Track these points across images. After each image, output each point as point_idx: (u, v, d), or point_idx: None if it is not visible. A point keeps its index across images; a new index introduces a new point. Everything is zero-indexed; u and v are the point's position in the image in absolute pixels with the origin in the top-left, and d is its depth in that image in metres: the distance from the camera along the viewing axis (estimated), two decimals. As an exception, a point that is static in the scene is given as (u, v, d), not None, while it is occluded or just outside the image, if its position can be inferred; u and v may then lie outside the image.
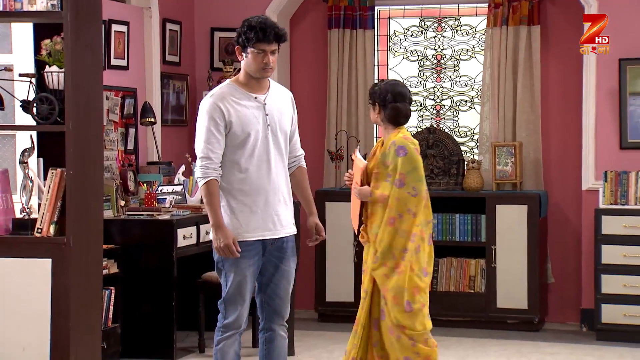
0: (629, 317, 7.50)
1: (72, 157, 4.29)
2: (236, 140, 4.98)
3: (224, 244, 4.94)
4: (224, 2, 8.61)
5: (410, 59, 8.71)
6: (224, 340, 5.13)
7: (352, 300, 8.16)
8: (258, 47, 4.93)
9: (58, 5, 4.24)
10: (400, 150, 5.48)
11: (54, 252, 4.28)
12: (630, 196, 7.62)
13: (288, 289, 5.21)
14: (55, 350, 4.29)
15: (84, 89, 4.35)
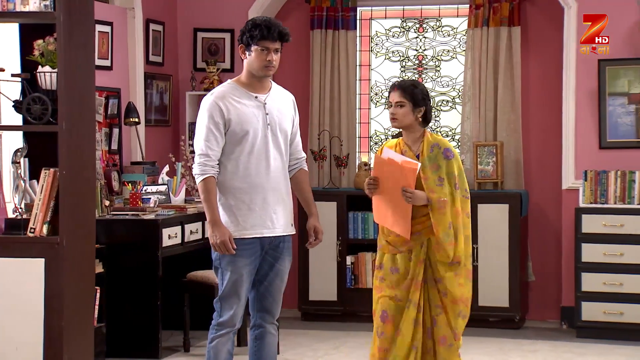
0: (609, 315, 7.56)
1: (66, 158, 4.28)
2: (235, 138, 5.00)
3: (219, 240, 4.96)
4: (206, 2, 8.61)
5: (392, 59, 8.75)
6: (218, 338, 5.13)
7: (335, 299, 8.20)
8: (262, 45, 4.97)
9: (51, 5, 4.24)
10: (447, 152, 5.21)
11: (47, 252, 4.28)
12: (609, 195, 7.68)
13: (281, 288, 5.24)
14: (49, 349, 4.28)
15: (77, 89, 4.35)
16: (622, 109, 7.84)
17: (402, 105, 5.22)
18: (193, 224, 7.44)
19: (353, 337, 7.68)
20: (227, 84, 5.14)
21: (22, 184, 4.43)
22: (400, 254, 5.23)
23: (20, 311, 4.34)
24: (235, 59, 8.57)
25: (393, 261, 5.26)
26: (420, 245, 5.19)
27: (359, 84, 8.69)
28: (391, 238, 5.24)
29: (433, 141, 5.23)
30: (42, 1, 4.22)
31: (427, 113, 5.27)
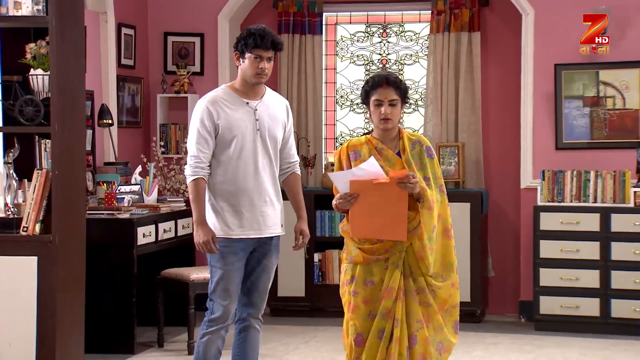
0: (566, 308, 7.67)
1: (58, 158, 4.27)
2: (224, 142, 5.06)
3: (202, 240, 5.02)
4: (177, 7, 8.61)
5: (356, 63, 8.81)
6: (209, 334, 5.18)
7: (303, 295, 8.24)
8: (255, 53, 5.03)
9: (43, 10, 4.23)
10: (430, 150, 4.69)
11: (40, 250, 4.29)
12: (565, 194, 7.79)
13: (267, 284, 5.29)
14: (42, 345, 4.29)
15: (68, 91, 4.36)
16: (577, 111, 7.95)
17: (395, 104, 4.63)
18: (166, 223, 7.45)
19: (322, 331, 7.73)
20: (221, 88, 5.20)
21: (14, 184, 4.41)
22: (376, 263, 4.63)
23: (14, 308, 4.34)
24: (204, 62, 8.59)
25: (367, 272, 4.64)
26: (399, 252, 4.62)
27: (325, 86, 8.75)
28: (367, 246, 4.63)
29: (413, 138, 4.70)
30: (34, 6, 4.21)
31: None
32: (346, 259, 4.73)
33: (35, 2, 4.20)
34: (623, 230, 7.54)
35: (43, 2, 4.21)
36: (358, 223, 4.58)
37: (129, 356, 6.93)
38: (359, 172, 4.48)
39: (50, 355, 4.26)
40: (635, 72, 7.78)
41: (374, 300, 4.60)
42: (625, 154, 7.78)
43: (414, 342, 4.60)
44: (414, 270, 4.62)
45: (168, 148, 8.49)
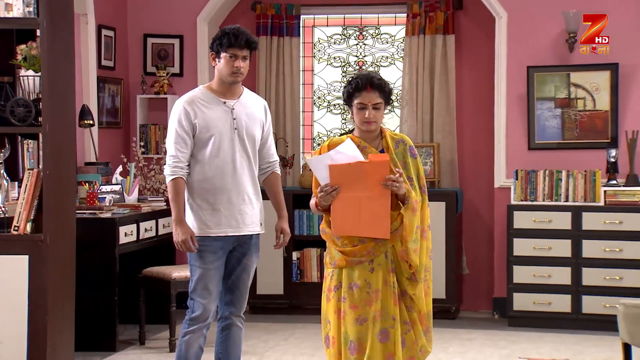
0: (538, 305, 7.74)
1: (49, 158, 4.27)
2: (201, 141, 5.07)
3: (181, 239, 5.03)
4: (156, 9, 8.60)
5: (333, 65, 8.84)
6: (190, 333, 5.18)
7: (281, 292, 8.25)
8: (230, 52, 5.04)
9: (34, 12, 4.21)
10: (412, 150, 4.59)
11: (31, 249, 4.28)
12: (538, 193, 7.85)
13: (247, 283, 5.30)
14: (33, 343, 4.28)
15: (59, 92, 4.35)
16: (549, 112, 8.02)
17: (379, 107, 4.51)
18: (147, 222, 7.44)
19: (300, 328, 7.75)
20: (198, 89, 5.21)
21: (5, 184, 4.39)
22: (359, 266, 4.47)
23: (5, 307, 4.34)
24: (184, 63, 8.59)
25: (350, 276, 4.48)
26: (384, 253, 4.49)
27: (302, 88, 8.77)
28: (348, 249, 4.47)
29: (396, 137, 4.61)
30: (25, 7, 4.19)
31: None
32: (330, 264, 4.58)
33: (26, 4, 4.19)
34: (594, 228, 7.62)
35: (34, 4, 4.20)
36: (340, 220, 4.43)
37: (111, 354, 6.93)
38: (337, 156, 4.36)
39: (41, 353, 4.25)
40: (605, 75, 7.85)
41: (362, 304, 4.45)
42: (596, 154, 7.86)
43: (402, 345, 4.50)
44: (398, 272, 4.50)
45: (148, 148, 8.48)
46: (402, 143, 4.58)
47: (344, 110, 8.83)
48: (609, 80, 7.85)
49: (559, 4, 7.89)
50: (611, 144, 7.84)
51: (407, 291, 4.49)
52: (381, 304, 4.44)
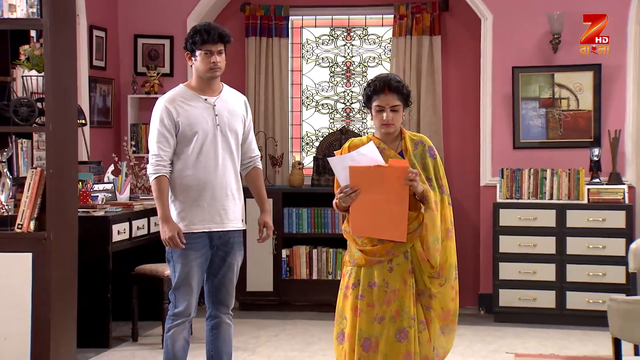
0: (524, 301, 7.78)
1: (52, 157, 4.26)
2: (185, 139, 5.05)
3: (168, 236, 5.00)
4: (147, 10, 8.59)
5: (321, 65, 8.85)
6: (174, 327, 5.18)
7: (271, 289, 8.26)
8: (205, 49, 5.02)
9: (37, 13, 4.21)
10: (432, 150, 4.55)
11: (35, 247, 4.28)
12: (523, 191, 7.90)
13: (233, 281, 5.29)
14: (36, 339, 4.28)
15: (62, 92, 4.34)
16: (533, 112, 8.06)
17: (397, 109, 4.49)
18: (140, 220, 7.43)
19: (290, 324, 7.77)
20: (178, 88, 5.18)
21: (8, 182, 4.38)
22: (378, 265, 4.48)
23: (9, 303, 4.33)
24: (174, 63, 8.58)
25: (370, 275, 4.49)
26: (403, 254, 4.47)
27: (291, 88, 8.77)
28: (368, 248, 4.48)
29: (415, 138, 4.57)
30: (29, 8, 4.19)
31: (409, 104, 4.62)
32: (349, 262, 4.57)
33: (29, 5, 4.18)
34: (577, 225, 7.67)
35: (37, 5, 4.18)
36: (358, 221, 4.44)
37: (104, 350, 6.91)
38: (358, 157, 4.34)
39: (45, 348, 4.25)
40: (588, 75, 7.91)
41: (380, 303, 4.45)
42: (579, 152, 7.91)
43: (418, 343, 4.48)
44: (417, 271, 4.47)
45: (139, 147, 8.48)
46: (420, 144, 4.55)
47: (332, 110, 8.85)
48: (592, 80, 7.91)
49: (543, 6, 7.94)
50: (594, 143, 7.89)
51: (430, 289, 4.47)
52: (399, 304, 4.44)
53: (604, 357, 6.69)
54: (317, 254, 8.28)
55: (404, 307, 4.43)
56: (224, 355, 5.33)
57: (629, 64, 7.85)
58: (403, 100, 4.50)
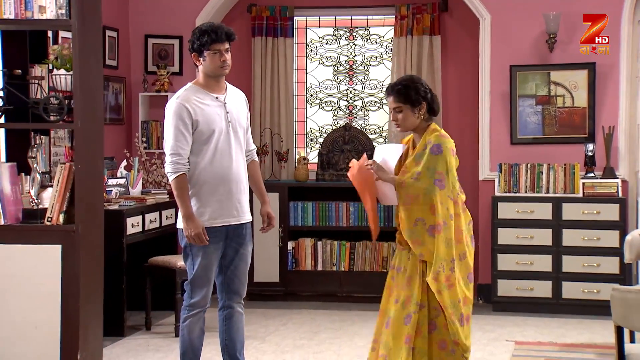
0: (521, 290, 7.85)
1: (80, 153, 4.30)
2: (202, 137, 5.06)
3: (194, 233, 5.01)
4: (157, 11, 8.62)
5: (325, 64, 8.89)
6: (191, 317, 5.22)
7: (277, 280, 8.31)
8: (213, 48, 5.04)
9: (66, 13, 4.23)
10: (433, 148, 4.69)
11: (64, 239, 4.31)
12: (521, 185, 7.95)
13: (245, 271, 5.34)
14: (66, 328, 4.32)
15: (89, 90, 4.38)
16: (530, 109, 8.11)
17: (400, 110, 4.74)
18: (152, 214, 7.48)
19: (297, 314, 7.82)
20: (188, 87, 5.18)
21: (38, 177, 4.42)
22: (402, 252, 4.77)
23: (39, 294, 4.36)
24: (183, 63, 8.62)
25: (397, 260, 4.82)
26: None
27: (296, 86, 8.80)
28: (397, 236, 4.80)
29: (429, 138, 4.74)
30: (58, 9, 4.21)
31: (430, 106, 4.77)
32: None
33: (58, 7, 4.20)
34: (573, 218, 7.74)
35: (66, 6, 4.21)
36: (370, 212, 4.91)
37: (119, 338, 6.97)
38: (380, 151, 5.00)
39: (74, 337, 4.28)
40: (583, 73, 7.97)
41: (400, 287, 4.69)
42: (574, 148, 7.98)
43: (433, 328, 4.64)
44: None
45: (149, 143, 8.52)
46: (429, 143, 4.72)
47: (335, 107, 8.89)
48: (587, 78, 7.97)
49: (539, 7, 8.00)
50: (588, 139, 7.96)
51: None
52: (411, 291, 4.65)
53: (600, 344, 6.77)
54: (321, 246, 8.34)
55: (413, 293, 4.62)
56: (238, 344, 5.38)
57: (622, 63, 7.92)
58: (403, 101, 4.68)
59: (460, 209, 4.72)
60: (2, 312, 4.40)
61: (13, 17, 4.25)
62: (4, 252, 4.39)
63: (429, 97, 4.78)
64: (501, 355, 6.47)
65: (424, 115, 4.77)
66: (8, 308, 4.41)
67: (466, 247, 4.69)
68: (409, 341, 4.60)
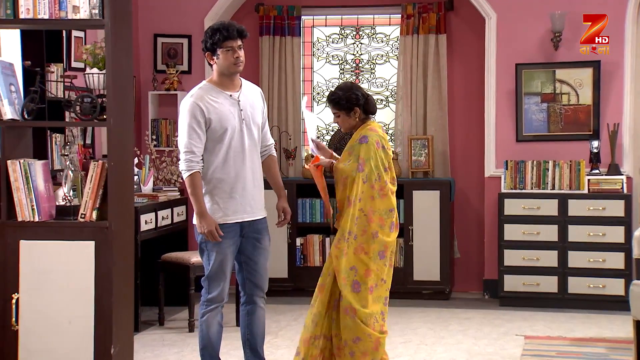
0: (527, 286, 7.92)
1: (113, 151, 4.35)
2: (215, 135, 5.10)
3: (207, 230, 5.06)
4: (166, 10, 8.65)
5: (332, 62, 8.95)
6: (209, 312, 5.26)
7: (286, 276, 8.37)
8: (226, 46, 5.07)
9: (99, 13, 4.28)
10: (361, 139, 5.28)
11: (97, 235, 4.36)
12: (527, 182, 8.03)
13: (266, 265, 5.39)
14: (99, 323, 4.36)
15: (121, 88, 4.42)
16: (535, 107, 8.19)
17: (338, 115, 5.39)
18: (164, 211, 7.53)
19: (306, 309, 7.56)
20: (203, 85, 5.21)
21: (70, 174, 4.46)
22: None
23: (73, 289, 4.40)
24: (192, 61, 8.66)
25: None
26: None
27: (303, 84, 8.86)
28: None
29: (361, 132, 5.34)
30: (91, 9, 4.26)
31: (366, 107, 5.36)
32: None
33: (92, 7, 4.25)
34: (579, 214, 7.82)
35: (99, 6, 4.25)
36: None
37: (134, 334, 6.95)
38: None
39: (107, 331, 4.33)
40: (588, 71, 8.05)
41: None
42: (579, 145, 8.06)
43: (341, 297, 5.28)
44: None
45: (159, 141, 8.56)
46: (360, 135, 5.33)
47: (342, 105, 8.95)
48: (592, 76, 8.05)
49: (545, 5, 8.08)
50: (593, 136, 8.04)
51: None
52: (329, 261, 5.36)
53: (610, 338, 6.85)
54: (329, 242, 8.40)
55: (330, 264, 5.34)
56: (259, 338, 5.44)
57: (626, 61, 8.01)
58: (337, 107, 5.35)
59: (375, 192, 5.25)
60: (37, 307, 4.45)
61: (47, 17, 4.29)
62: (39, 248, 4.43)
63: (362, 101, 5.35)
64: (512, 350, 6.54)
65: (360, 116, 5.37)
66: (42, 304, 4.45)
67: (379, 228, 5.23)
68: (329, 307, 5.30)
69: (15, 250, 4.45)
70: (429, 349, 6.61)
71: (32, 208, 4.47)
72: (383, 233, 5.27)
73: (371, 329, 5.19)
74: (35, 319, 4.43)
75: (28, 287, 4.44)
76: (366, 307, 5.19)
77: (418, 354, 6.48)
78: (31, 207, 4.47)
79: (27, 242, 4.46)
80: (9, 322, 4.44)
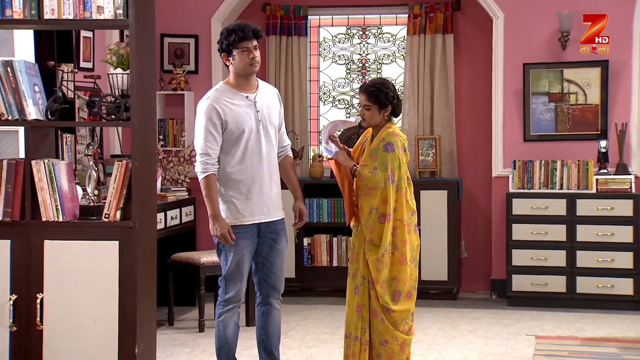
0: (535, 285, 7.98)
1: (137, 151, 4.39)
2: (232, 137, 5.14)
3: (220, 233, 5.11)
4: (172, 10, 8.69)
5: (338, 62, 9.00)
6: (225, 312, 5.30)
7: (293, 276, 8.41)
8: (242, 47, 5.11)
9: (124, 14, 4.32)
10: (387, 146, 5.25)
11: (121, 235, 4.40)
12: (535, 181, 8.09)
13: (282, 266, 5.43)
14: (123, 322, 4.40)
15: (145, 88, 4.46)
16: (543, 106, 8.26)
17: (369, 108, 5.30)
18: (173, 211, 7.58)
19: (315, 309, 7.93)
20: (220, 87, 5.24)
21: (94, 174, 4.51)
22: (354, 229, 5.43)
23: (98, 288, 4.45)
24: (199, 61, 8.69)
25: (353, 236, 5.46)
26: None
27: (309, 84, 8.91)
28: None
29: (383, 136, 5.29)
30: (115, 10, 4.30)
31: (394, 110, 5.36)
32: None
33: (116, 7, 4.29)
34: (587, 214, 7.89)
35: (123, 6, 4.30)
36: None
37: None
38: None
39: (132, 330, 4.37)
40: (596, 71, 8.12)
41: (351, 261, 5.41)
42: (587, 144, 8.13)
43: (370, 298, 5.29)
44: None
45: (166, 141, 8.60)
46: (382, 141, 5.29)
47: (348, 105, 9.01)
48: (600, 76, 8.12)
49: (552, 5, 8.15)
50: (601, 136, 8.11)
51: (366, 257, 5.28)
52: (357, 264, 5.32)
53: (621, 338, 6.91)
54: (337, 242, 8.46)
55: (359, 267, 5.31)
56: (274, 339, 5.48)
57: (634, 60, 8.08)
58: (373, 101, 5.27)
59: (406, 198, 5.30)
60: (62, 307, 4.50)
61: (72, 17, 4.33)
62: (63, 248, 4.48)
63: (395, 102, 5.35)
64: (524, 350, 6.60)
65: (388, 116, 5.35)
66: (67, 303, 4.50)
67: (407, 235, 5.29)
68: (360, 309, 5.28)
69: (39, 250, 4.49)
70: (441, 349, 6.67)
71: (57, 208, 4.52)
72: (412, 237, 5.37)
73: (399, 332, 5.27)
74: (60, 319, 4.48)
75: (52, 287, 4.49)
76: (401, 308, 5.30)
77: (430, 353, 6.54)
78: (55, 207, 4.51)
79: (52, 242, 4.51)
80: (33, 321, 4.49)
